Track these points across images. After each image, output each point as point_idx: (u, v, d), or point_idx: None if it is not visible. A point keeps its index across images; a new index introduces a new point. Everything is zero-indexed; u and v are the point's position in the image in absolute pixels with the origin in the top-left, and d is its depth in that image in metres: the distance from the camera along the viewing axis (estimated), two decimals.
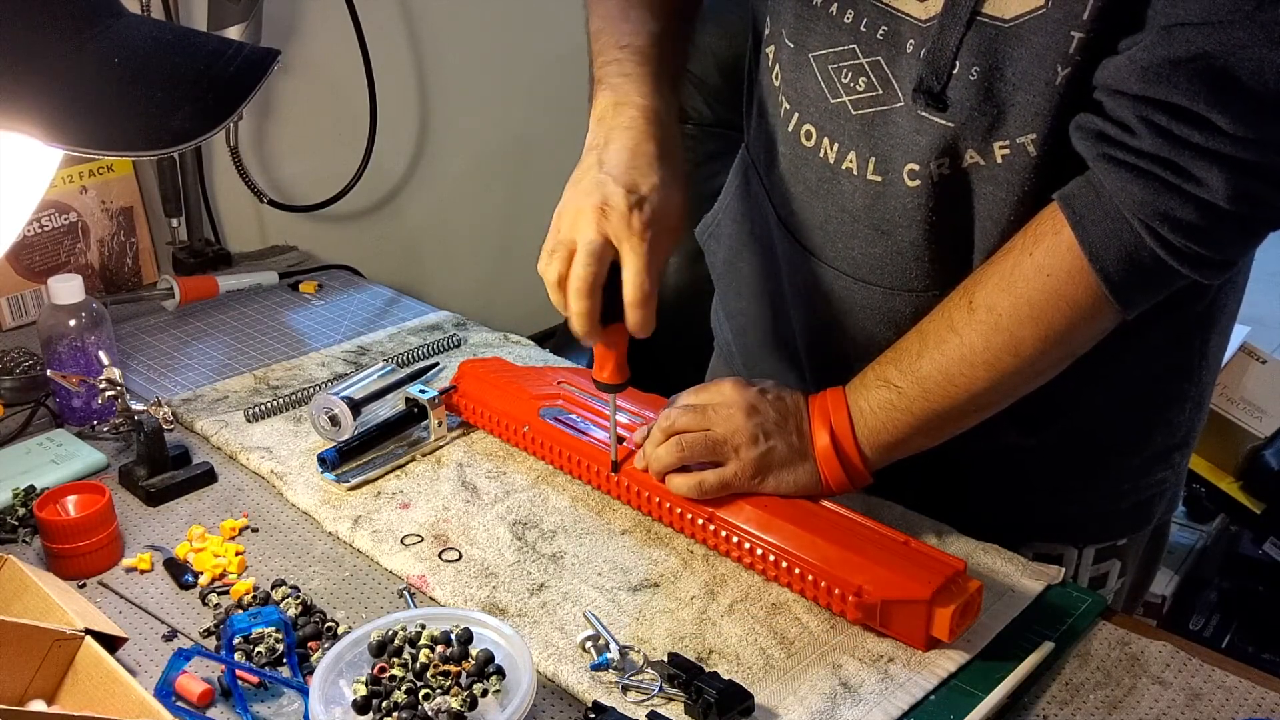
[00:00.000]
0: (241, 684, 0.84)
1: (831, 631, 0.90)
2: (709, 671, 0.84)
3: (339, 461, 1.09)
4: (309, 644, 0.89)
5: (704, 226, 1.23)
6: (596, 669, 0.85)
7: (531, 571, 0.97)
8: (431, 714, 0.76)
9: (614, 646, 0.86)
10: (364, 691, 0.77)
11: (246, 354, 1.38)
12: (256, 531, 1.04)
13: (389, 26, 1.85)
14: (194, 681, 0.84)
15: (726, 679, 0.82)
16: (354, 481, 1.09)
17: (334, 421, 1.12)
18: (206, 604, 0.94)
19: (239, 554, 0.99)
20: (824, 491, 0.96)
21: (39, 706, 0.79)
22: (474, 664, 0.79)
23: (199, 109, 0.72)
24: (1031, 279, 0.86)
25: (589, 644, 0.87)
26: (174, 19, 1.56)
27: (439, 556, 0.99)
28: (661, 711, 0.81)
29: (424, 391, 1.15)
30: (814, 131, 0.97)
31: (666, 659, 0.85)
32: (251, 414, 1.20)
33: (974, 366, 0.89)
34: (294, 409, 1.23)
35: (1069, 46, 0.81)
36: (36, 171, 0.79)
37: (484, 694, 0.78)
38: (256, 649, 0.87)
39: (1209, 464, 2.08)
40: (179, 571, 0.97)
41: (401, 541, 1.01)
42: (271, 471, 1.11)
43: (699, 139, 1.85)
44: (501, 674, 0.79)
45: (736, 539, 0.96)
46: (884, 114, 0.91)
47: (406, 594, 0.95)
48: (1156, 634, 0.92)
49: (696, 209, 1.34)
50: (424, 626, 0.82)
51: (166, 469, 1.10)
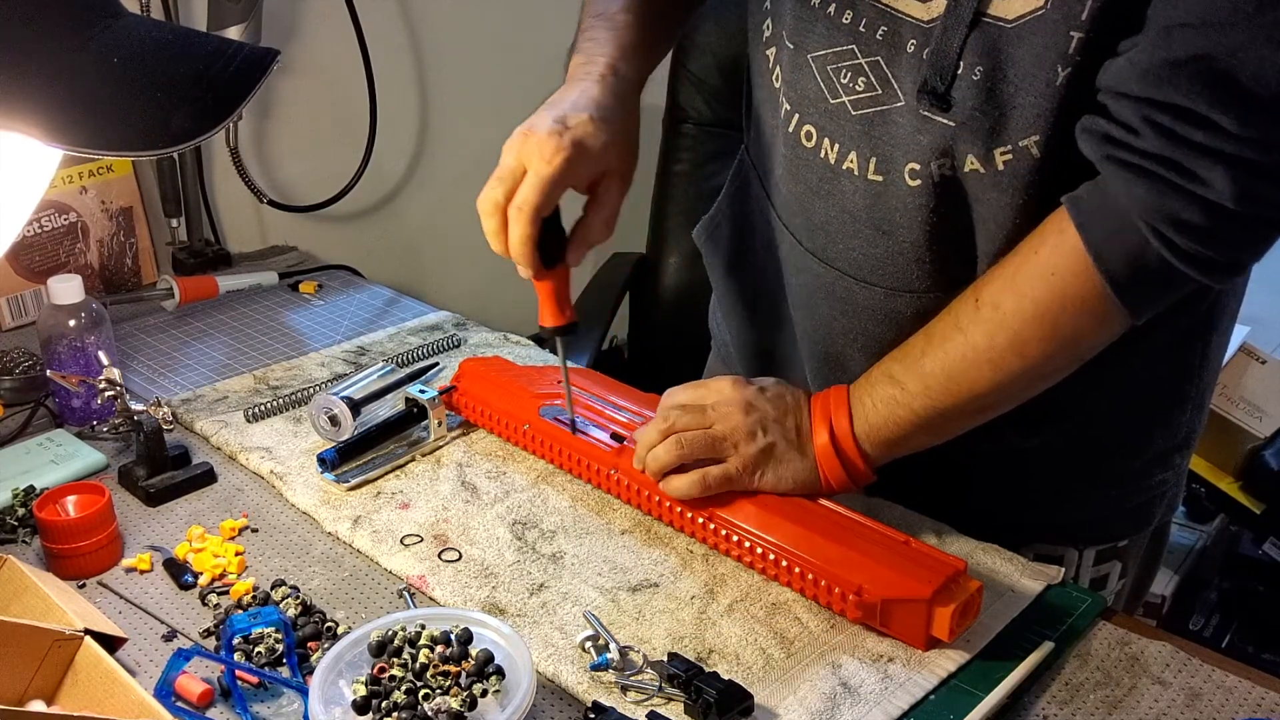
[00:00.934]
0: (241, 684, 0.84)
1: (831, 631, 0.90)
2: (709, 671, 0.84)
3: (339, 461, 1.09)
4: (309, 644, 0.89)
5: (703, 227, 1.23)
6: (596, 669, 0.85)
7: (531, 571, 0.97)
8: (431, 714, 0.76)
9: (614, 646, 0.86)
10: (364, 692, 0.77)
11: (246, 354, 1.38)
12: (256, 532, 1.04)
13: (389, 26, 1.85)
14: (194, 682, 0.84)
15: (726, 679, 0.82)
16: (354, 481, 1.09)
17: (334, 421, 1.12)
18: (206, 604, 0.94)
19: (239, 554, 0.99)
20: (824, 488, 0.96)
21: (39, 707, 0.79)
22: (474, 664, 0.79)
23: (199, 109, 0.72)
24: (1036, 278, 0.85)
25: (589, 644, 0.87)
26: (174, 19, 1.56)
27: (439, 556, 0.99)
28: (661, 711, 0.81)
29: (424, 391, 1.15)
30: (814, 132, 0.97)
31: (666, 659, 0.85)
32: (251, 414, 1.20)
33: (978, 365, 0.88)
34: (294, 409, 1.23)
35: (1069, 46, 0.81)
36: (36, 171, 0.79)
37: (484, 694, 0.78)
38: (256, 649, 0.87)
39: (1209, 464, 2.08)
40: (179, 572, 0.97)
41: (401, 541, 1.01)
42: (271, 472, 1.11)
43: (699, 139, 1.86)
44: (501, 674, 0.79)
45: (737, 538, 0.96)
46: (884, 114, 0.91)
47: (406, 594, 0.95)
48: (1156, 634, 0.92)
49: (696, 209, 1.34)
50: (424, 626, 0.82)
51: (166, 469, 1.10)
